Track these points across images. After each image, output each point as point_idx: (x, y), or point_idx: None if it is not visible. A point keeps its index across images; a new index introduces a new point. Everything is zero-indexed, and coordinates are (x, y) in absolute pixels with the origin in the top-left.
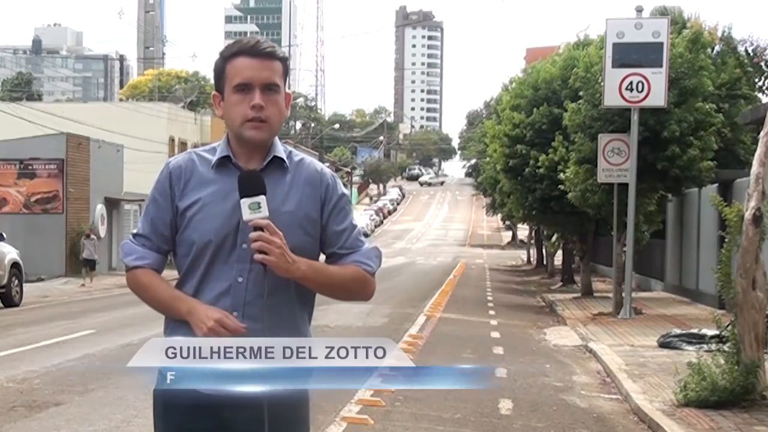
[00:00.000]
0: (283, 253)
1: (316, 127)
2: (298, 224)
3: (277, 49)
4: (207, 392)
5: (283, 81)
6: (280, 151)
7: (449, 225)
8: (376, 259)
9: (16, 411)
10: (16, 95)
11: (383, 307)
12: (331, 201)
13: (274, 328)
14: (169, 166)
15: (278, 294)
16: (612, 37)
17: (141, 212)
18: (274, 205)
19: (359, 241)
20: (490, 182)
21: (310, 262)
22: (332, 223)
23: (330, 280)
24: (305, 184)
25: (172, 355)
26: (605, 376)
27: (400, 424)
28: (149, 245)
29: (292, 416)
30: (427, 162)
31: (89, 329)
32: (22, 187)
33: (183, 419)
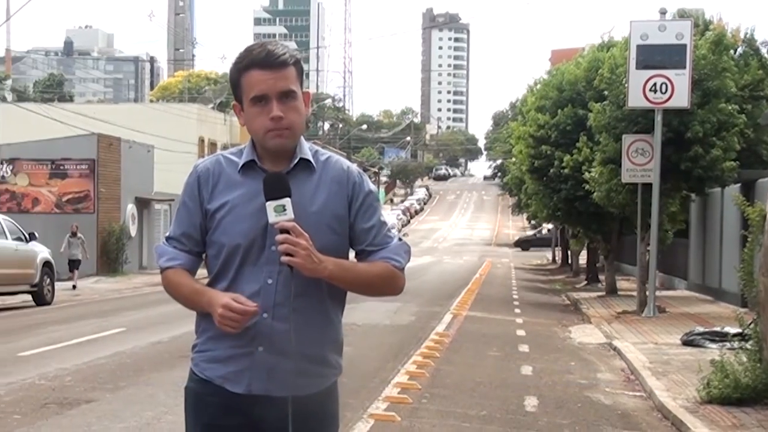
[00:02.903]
0: (309, 254)
1: (344, 127)
2: (325, 224)
3: (288, 54)
4: (234, 391)
5: (298, 83)
6: (305, 152)
7: (475, 225)
8: (405, 254)
9: (48, 408)
10: (47, 96)
11: (410, 306)
12: (359, 198)
13: (302, 330)
14: (197, 170)
15: (308, 295)
16: (636, 39)
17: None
18: (301, 206)
19: (388, 237)
20: (515, 182)
21: (337, 261)
22: (360, 221)
23: (358, 278)
24: (332, 183)
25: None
26: (629, 374)
27: (427, 421)
28: (180, 247)
29: (321, 412)
30: (453, 162)
31: (120, 327)
32: (54, 187)
33: (212, 417)
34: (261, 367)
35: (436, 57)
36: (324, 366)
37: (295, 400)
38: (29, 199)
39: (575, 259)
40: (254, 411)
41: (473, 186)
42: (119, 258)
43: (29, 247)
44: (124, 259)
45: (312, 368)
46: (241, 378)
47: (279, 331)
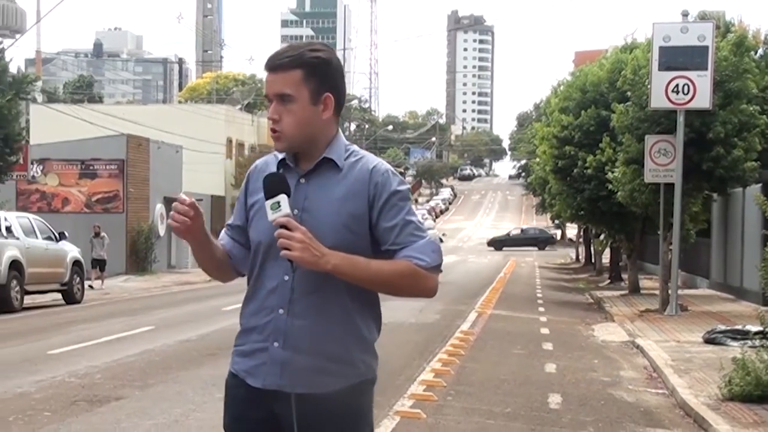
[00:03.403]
0: (306, 247)
1: (370, 128)
2: (341, 222)
3: (294, 57)
4: (253, 385)
5: (305, 87)
6: (332, 151)
7: (500, 224)
8: (432, 253)
9: (78, 405)
10: (77, 97)
11: (436, 304)
12: (381, 198)
13: (317, 327)
14: (252, 166)
15: (322, 291)
16: (658, 40)
17: None
18: (318, 204)
19: (413, 236)
20: (539, 182)
21: (345, 256)
22: (382, 221)
23: (370, 274)
24: (354, 183)
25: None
26: (652, 371)
27: (452, 419)
28: (230, 234)
29: (341, 412)
30: (478, 162)
31: (148, 326)
32: (84, 187)
33: (239, 409)
34: (275, 362)
35: (461, 58)
36: (343, 364)
37: (311, 398)
38: (59, 198)
39: (598, 258)
40: (273, 406)
41: (498, 186)
42: (148, 257)
43: (59, 246)
44: (153, 258)
45: (328, 366)
46: (258, 372)
47: (293, 327)
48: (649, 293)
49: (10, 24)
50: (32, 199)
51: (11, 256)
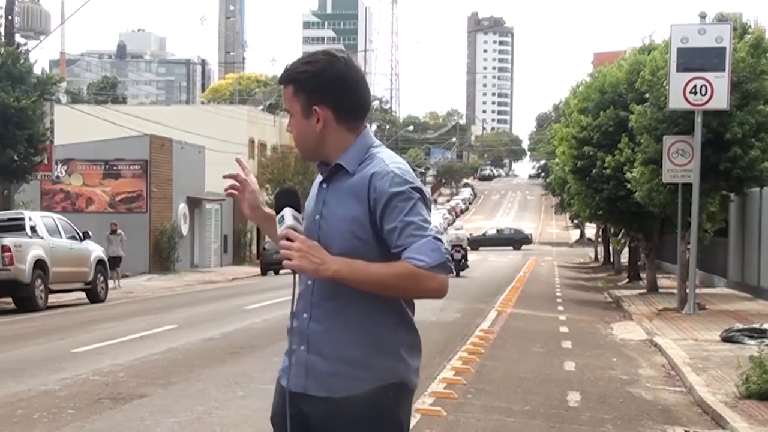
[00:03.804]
0: (304, 256)
1: (391, 129)
2: (347, 229)
3: (288, 72)
4: (283, 384)
5: (296, 101)
6: (346, 158)
7: (519, 223)
8: (432, 252)
9: (102, 403)
10: (101, 98)
11: (456, 303)
12: (381, 202)
13: (334, 332)
14: None
15: (339, 298)
16: (676, 42)
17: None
18: (329, 211)
19: (413, 236)
20: (558, 182)
21: (345, 261)
22: (385, 224)
23: (368, 277)
24: (356, 188)
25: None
26: (670, 370)
27: (472, 416)
28: None
29: (364, 416)
30: (498, 163)
31: (172, 324)
32: (108, 187)
33: (278, 405)
34: (301, 365)
35: (481, 60)
36: (360, 368)
37: (332, 401)
38: (83, 198)
39: (617, 258)
40: (301, 406)
41: (517, 186)
42: (171, 256)
43: (83, 245)
44: (176, 257)
45: (345, 370)
46: (287, 373)
47: (315, 331)
48: (668, 292)
49: (34, 25)
50: (56, 199)
51: (36, 256)
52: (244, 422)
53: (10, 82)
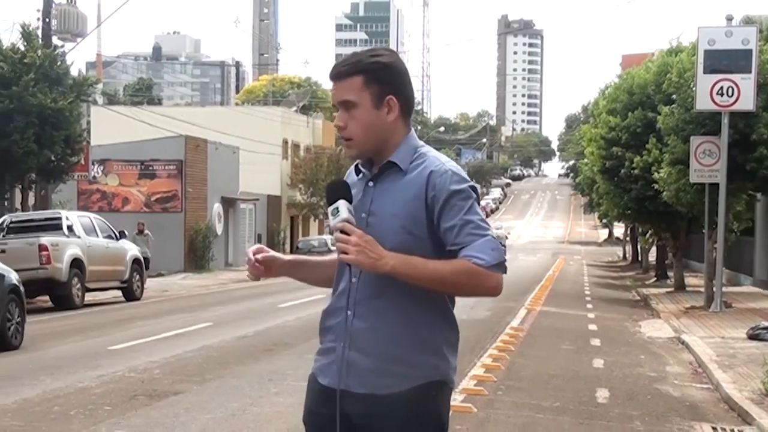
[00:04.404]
0: (362, 250)
1: (422, 129)
2: (400, 225)
3: (351, 65)
4: (322, 383)
5: (366, 92)
6: (398, 155)
7: (549, 223)
8: (492, 251)
9: (138, 400)
10: (137, 99)
11: (486, 301)
12: (440, 200)
13: (380, 329)
14: None
15: (387, 294)
16: (703, 44)
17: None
18: (381, 207)
19: (472, 235)
20: (587, 182)
21: (401, 257)
22: (443, 221)
23: (427, 274)
24: (414, 186)
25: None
26: (697, 367)
27: (502, 412)
28: None
29: (407, 414)
30: (527, 163)
31: (206, 322)
32: (143, 187)
33: (312, 403)
34: (342, 362)
35: (511, 61)
36: (404, 366)
37: (375, 398)
38: (119, 198)
39: (645, 257)
40: (341, 404)
41: (547, 186)
42: (206, 255)
43: (119, 244)
44: (211, 256)
45: (389, 368)
46: (327, 371)
47: (358, 329)
48: (695, 290)
49: (71, 28)
50: (93, 198)
51: (73, 255)
52: (278, 418)
53: (48, 84)
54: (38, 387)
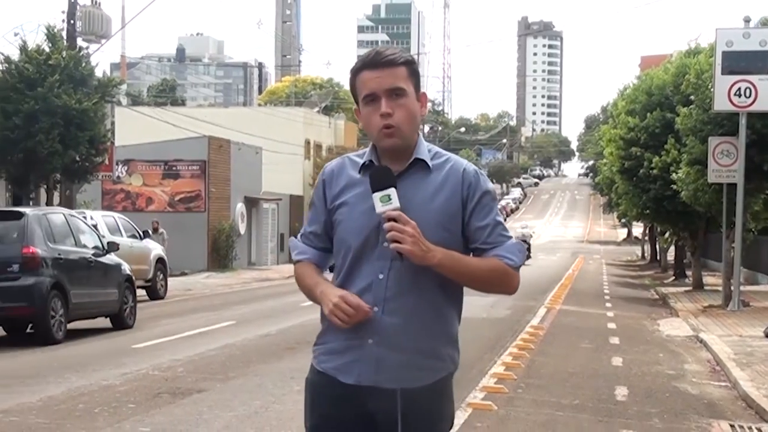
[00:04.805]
0: (416, 241)
1: (443, 130)
2: (437, 221)
3: (398, 55)
4: (345, 382)
5: (410, 83)
6: (422, 152)
7: (568, 223)
8: (519, 254)
9: (161, 397)
10: (161, 100)
11: (506, 300)
12: (474, 198)
13: (411, 323)
14: (324, 171)
15: (418, 289)
16: (721, 45)
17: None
18: (414, 204)
19: (502, 236)
20: (606, 182)
21: (446, 251)
22: (475, 220)
23: (467, 270)
24: (448, 183)
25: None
26: (715, 365)
27: (522, 410)
28: (308, 243)
29: (431, 406)
30: (547, 163)
31: (229, 320)
32: (167, 187)
33: (328, 407)
34: (370, 359)
35: (531, 63)
36: (434, 359)
37: (404, 393)
38: (143, 198)
39: (663, 256)
40: (366, 403)
41: (566, 186)
42: (229, 254)
43: (143, 244)
44: (234, 255)
45: (421, 361)
46: (351, 369)
47: (388, 324)
48: (712, 289)
49: (95, 29)
50: (117, 198)
51: None
52: (300, 416)
53: (72, 85)
54: (63, 385)
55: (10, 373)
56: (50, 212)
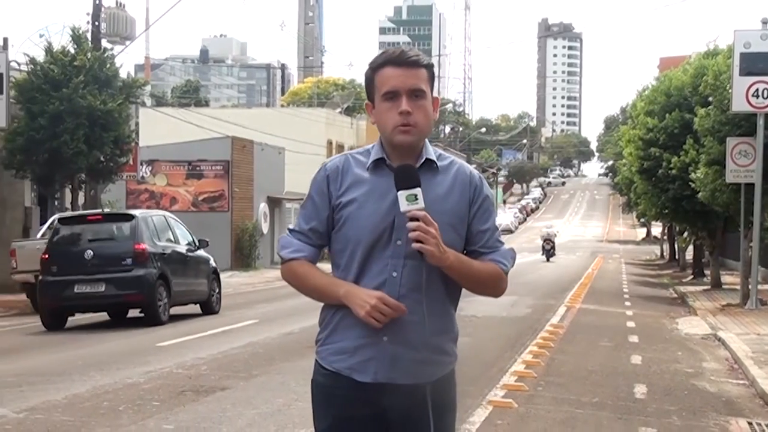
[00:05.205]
0: (437, 243)
1: (464, 131)
2: (447, 222)
3: (422, 57)
4: (361, 380)
5: (429, 86)
6: (431, 153)
7: (588, 222)
8: (512, 260)
9: (185, 395)
10: (185, 101)
11: (527, 299)
12: (477, 202)
13: (425, 320)
14: (326, 168)
15: (428, 287)
16: (739, 47)
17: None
18: (426, 204)
19: (499, 241)
20: (625, 182)
21: (456, 254)
22: (477, 223)
23: (472, 272)
24: (457, 185)
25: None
26: (733, 363)
27: (542, 408)
28: (305, 240)
29: (441, 399)
30: (567, 163)
31: (252, 319)
32: (191, 187)
33: (342, 408)
34: (385, 356)
35: (551, 64)
36: (443, 354)
37: (417, 388)
38: (167, 198)
39: (682, 255)
40: (382, 400)
41: (586, 186)
42: (252, 254)
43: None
44: (257, 254)
45: (433, 357)
46: (367, 367)
47: (403, 321)
48: (731, 288)
49: (120, 31)
50: (141, 198)
51: None
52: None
53: (97, 86)
54: (88, 383)
55: (35, 371)
56: (154, 214)
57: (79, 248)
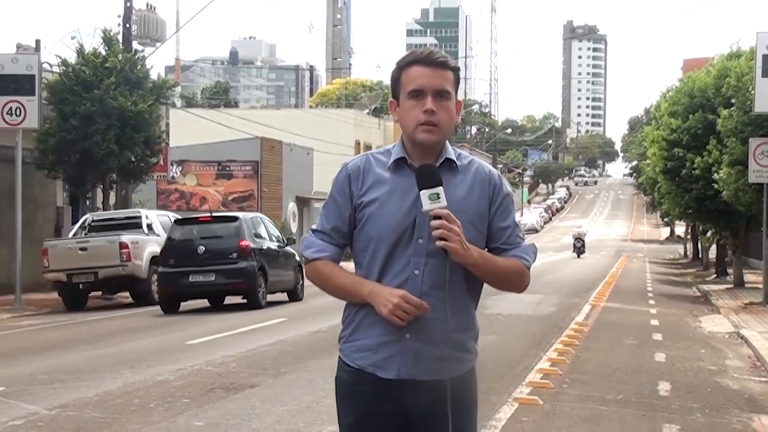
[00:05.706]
0: (461, 241)
1: (490, 131)
2: (468, 221)
3: (449, 59)
4: (385, 377)
5: (454, 89)
6: (450, 153)
7: (612, 222)
8: (533, 255)
9: (215, 392)
10: (214, 102)
11: (552, 297)
12: (497, 200)
13: (447, 317)
14: (348, 167)
15: (450, 285)
16: (762, 49)
17: None
18: (447, 204)
19: (519, 237)
20: (649, 182)
21: (480, 251)
22: (497, 220)
23: (495, 269)
24: (476, 184)
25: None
26: (755, 361)
27: (567, 405)
28: (328, 240)
29: (462, 395)
30: (591, 164)
31: (281, 317)
32: (220, 187)
33: (365, 405)
34: (408, 353)
35: (576, 65)
36: (464, 351)
37: (439, 384)
38: (197, 198)
39: (705, 254)
40: (405, 397)
41: (610, 186)
42: None
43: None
44: None
45: (454, 354)
46: (390, 364)
47: (425, 319)
48: (753, 287)
49: (150, 33)
50: (171, 198)
51: (152, 252)
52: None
53: (128, 87)
54: (119, 380)
55: (67, 369)
56: (251, 216)
57: (193, 244)
